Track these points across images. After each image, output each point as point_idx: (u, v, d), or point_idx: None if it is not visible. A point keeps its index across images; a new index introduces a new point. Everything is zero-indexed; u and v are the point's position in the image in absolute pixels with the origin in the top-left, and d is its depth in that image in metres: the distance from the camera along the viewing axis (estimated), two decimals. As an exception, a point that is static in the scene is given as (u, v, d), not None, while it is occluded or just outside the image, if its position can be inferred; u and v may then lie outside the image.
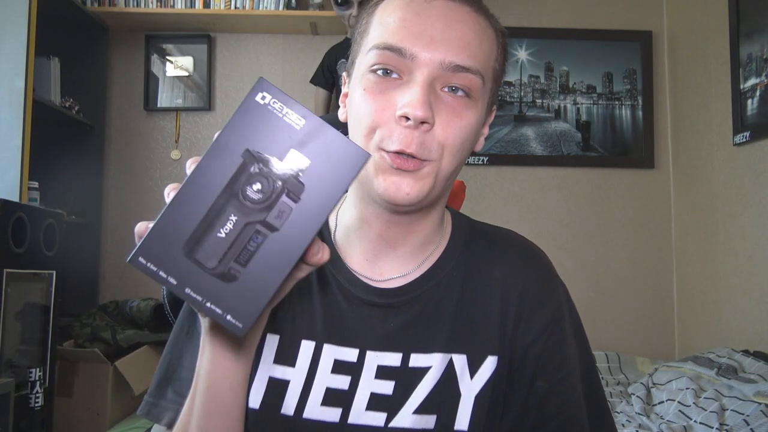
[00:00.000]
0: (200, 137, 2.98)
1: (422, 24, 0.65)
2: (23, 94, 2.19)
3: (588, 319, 3.11)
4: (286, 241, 0.50)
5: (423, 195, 0.66)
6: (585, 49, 3.06)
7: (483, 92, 0.68)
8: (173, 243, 0.50)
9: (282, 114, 0.51)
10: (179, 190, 0.51)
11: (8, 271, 1.85)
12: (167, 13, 2.80)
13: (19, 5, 2.20)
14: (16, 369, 1.88)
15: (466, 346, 0.71)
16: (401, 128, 0.64)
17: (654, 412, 1.93)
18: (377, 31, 0.67)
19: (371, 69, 0.66)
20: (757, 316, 2.33)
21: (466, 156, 0.69)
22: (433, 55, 0.64)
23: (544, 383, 0.71)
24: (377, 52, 0.66)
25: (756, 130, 2.34)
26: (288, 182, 0.50)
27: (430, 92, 0.64)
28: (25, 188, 2.19)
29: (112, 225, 2.93)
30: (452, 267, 0.74)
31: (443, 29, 0.65)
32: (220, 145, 0.50)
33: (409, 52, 0.64)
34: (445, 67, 0.64)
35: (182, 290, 0.50)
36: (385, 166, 0.65)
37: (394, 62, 0.65)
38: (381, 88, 0.66)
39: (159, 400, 0.72)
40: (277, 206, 0.50)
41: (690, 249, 2.87)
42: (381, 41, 0.66)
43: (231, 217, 0.50)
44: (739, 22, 2.45)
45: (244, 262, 0.50)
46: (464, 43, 0.65)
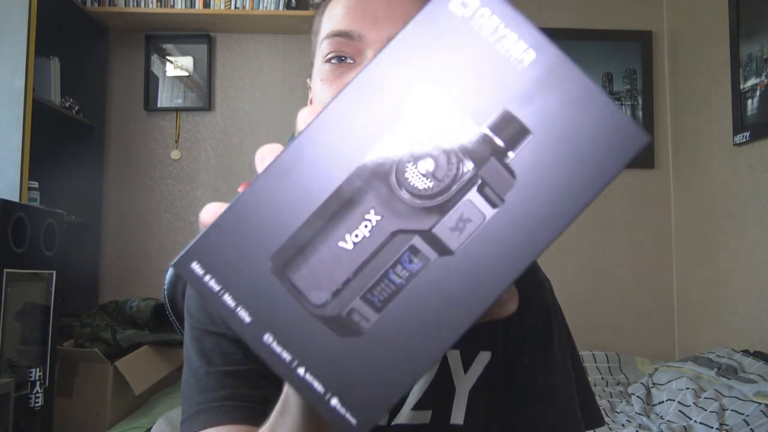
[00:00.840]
0: (200, 137, 2.98)
1: (366, 7, 0.66)
2: (23, 94, 2.19)
3: (588, 319, 3.11)
4: (466, 276, 0.28)
5: None
6: (585, 49, 3.06)
7: None
8: (257, 249, 0.29)
9: (494, 39, 0.29)
10: (281, 154, 0.29)
11: (8, 271, 1.85)
12: (167, 13, 2.80)
13: (19, 5, 2.20)
14: (16, 369, 1.88)
15: (458, 342, 0.71)
16: None
17: (654, 412, 1.92)
18: (327, 24, 0.69)
19: (326, 59, 0.67)
20: (757, 316, 2.33)
21: None
22: (379, 33, 0.65)
23: (536, 378, 0.73)
24: (328, 41, 0.67)
25: (756, 130, 2.34)
26: (486, 168, 0.28)
27: None
28: (25, 188, 2.19)
29: (112, 225, 2.93)
30: None
31: (386, 8, 0.66)
32: (373, 79, 0.28)
33: (356, 33, 0.65)
34: None
35: (258, 337, 0.28)
36: None
37: (344, 47, 0.66)
38: (336, 75, 0.66)
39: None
40: (457, 208, 0.28)
41: (690, 249, 2.87)
42: (330, 30, 0.67)
43: (369, 214, 0.28)
44: (739, 22, 2.45)
45: (381, 303, 0.28)
46: (408, 15, 0.65)
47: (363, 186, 0.28)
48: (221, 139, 2.98)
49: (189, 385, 0.69)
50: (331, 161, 0.28)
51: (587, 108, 0.28)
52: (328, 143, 0.29)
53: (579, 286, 2.94)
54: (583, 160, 0.28)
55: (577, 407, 0.74)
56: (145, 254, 2.91)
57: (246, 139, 2.98)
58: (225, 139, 2.98)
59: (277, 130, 2.94)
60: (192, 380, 0.69)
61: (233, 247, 0.29)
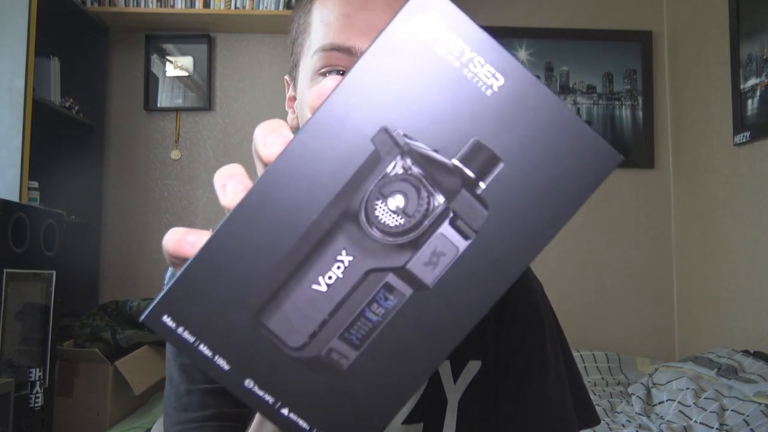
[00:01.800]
0: (200, 137, 2.98)
1: (368, 17, 0.60)
2: (23, 94, 2.19)
3: (588, 319, 3.10)
4: (442, 309, 0.28)
5: None
6: (585, 49, 3.06)
7: None
8: (229, 297, 0.28)
9: (461, 64, 0.27)
10: (246, 195, 0.29)
11: (8, 271, 1.85)
12: (167, 13, 2.80)
13: (19, 5, 2.20)
14: (16, 369, 1.88)
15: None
16: None
17: (654, 412, 1.92)
18: (320, 30, 0.63)
19: (319, 72, 0.62)
20: (757, 316, 2.33)
21: None
22: None
23: (530, 383, 0.71)
24: (324, 54, 0.61)
25: (756, 130, 2.34)
26: (457, 200, 0.28)
27: None
28: (25, 188, 2.18)
29: (112, 225, 2.93)
30: None
31: (387, 18, 0.62)
32: (332, 112, 0.28)
33: (359, 49, 0.59)
34: None
35: (238, 383, 0.28)
36: None
37: (343, 62, 0.60)
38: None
39: None
40: (430, 243, 0.28)
41: (690, 249, 2.87)
42: (326, 42, 0.61)
43: (341, 255, 0.28)
44: (739, 22, 2.45)
45: (359, 341, 0.28)
46: None
47: (333, 227, 0.28)
48: (221, 139, 2.98)
49: (170, 401, 0.69)
50: (298, 202, 0.28)
51: (559, 131, 0.28)
52: (293, 182, 0.28)
53: (579, 286, 2.94)
54: (556, 184, 0.28)
55: (571, 408, 0.73)
56: (145, 254, 2.91)
57: (246, 139, 2.98)
58: (225, 139, 2.98)
59: (277, 130, 2.94)
60: (173, 397, 0.69)
61: (204, 296, 0.28)
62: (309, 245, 0.28)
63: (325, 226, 0.28)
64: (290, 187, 0.28)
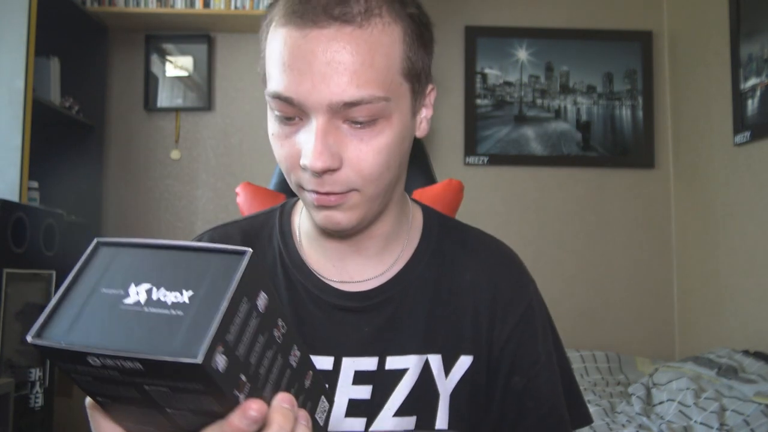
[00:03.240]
0: (200, 137, 2.98)
1: (301, 65, 0.60)
2: (23, 94, 2.19)
3: (588, 319, 3.11)
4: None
5: (356, 221, 0.66)
6: (585, 49, 3.06)
7: (395, 105, 0.63)
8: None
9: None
10: None
11: (8, 271, 1.85)
12: (167, 13, 2.80)
13: (19, 5, 2.20)
14: (16, 369, 1.88)
15: (441, 346, 0.71)
16: (309, 174, 0.63)
17: (654, 412, 1.92)
18: (269, 68, 0.64)
19: (274, 114, 0.65)
20: (757, 316, 2.33)
21: (399, 166, 0.67)
22: (319, 97, 0.60)
23: (520, 378, 0.72)
24: (272, 100, 0.63)
25: (756, 130, 2.34)
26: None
27: (328, 135, 0.61)
28: (24, 188, 2.18)
29: (112, 225, 2.93)
30: (423, 268, 0.74)
31: (323, 66, 0.59)
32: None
33: (296, 99, 0.61)
34: (336, 107, 0.60)
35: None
36: (311, 204, 0.66)
37: (288, 110, 0.63)
38: (285, 133, 0.64)
39: None
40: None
41: (690, 249, 2.87)
42: (272, 90, 0.63)
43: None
44: (739, 22, 2.45)
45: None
46: (350, 74, 0.60)
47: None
48: (221, 139, 2.98)
49: None
50: None
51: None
52: None
53: (579, 286, 2.94)
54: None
55: (562, 406, 0.74)
56: (145, 254, 2.90)
57: (246, 139, 2.98)
58: (225, 139, 2.98)
59: (277, 130, 2.94)
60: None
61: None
62: None
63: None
64: None
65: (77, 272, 0.39)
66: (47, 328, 0.37)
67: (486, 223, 1.00)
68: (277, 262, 0.75)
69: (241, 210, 1.09)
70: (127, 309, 0.36)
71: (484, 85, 3.05)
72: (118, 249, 0.40)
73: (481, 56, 3.04)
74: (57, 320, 0.37)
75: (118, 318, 0.36)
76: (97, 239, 0.41)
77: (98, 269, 0.39)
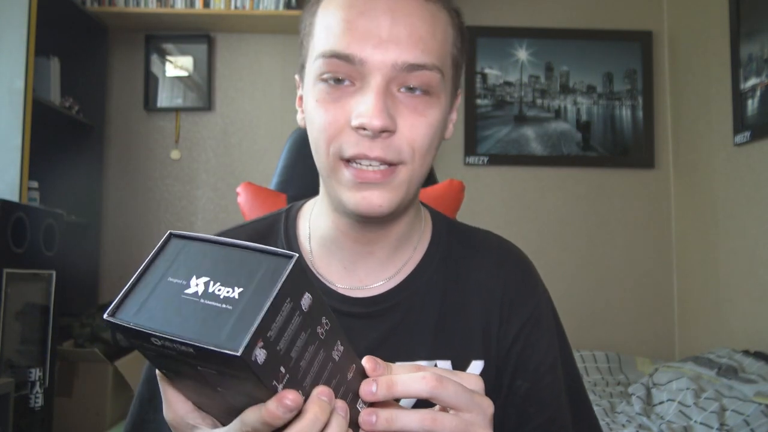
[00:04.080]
0: (200, 137, 2.98)
1: (368, 24, 0.60)
2: (23, 94, 2.19)
3: (588, 319, 3.10)
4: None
5: (395, 205, 0.64)
6: (585, 49, 3.06)
7: (444, 84, 0.64)
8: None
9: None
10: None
11: (8, 271, 1.85)
12: (167, 13, 2.80)
13: (19, 5, 2.19)
14: (16, 369, 1.87)
15: (450, 352, 0.70)
16: (359, 137, 0.61)
17: (654, 412, 1.92)
18: (321, 35, 0.63)
19: (321, 78, 0.62)
20: (757, 316, 2.33)
21: (436, 153, 0.67)
22: (384, 57, 0.59)
23: (523, 382, 0.71)
24: (324, 60, 0.61)
25: (756, 130, 2.34)
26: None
27: (386, 97, 0.60)
28: (25, 188, 2.18)
29: (112, 225, 2.93)
30: (432, 272, 0.73)
31: (391, 26, 0.60)
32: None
33: (358, 57, 0.60)
34: (399, 68, 0.60)
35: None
36: (349, 183, 0.62)
37: (343, 69, 0.61)
38: (333, 97, 0.62)
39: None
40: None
41: (690, 249, 2.87)
42: (327, 48, 0.61)
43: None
44: (739, 22, 2.45)
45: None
46: (416, 39, 0.60)
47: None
48: (221, 139, 2.98)
49: (133, 407, 0.73)
50: None
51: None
52: None
53: (579, 287, 2.94)
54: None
55: (565, 414, 0.72)
56: (145, 254, 2.87)
57: (246, 139, 2.98)
58: (225, 139, 2.98)
59: (277, 130, 2.94)
60: (137, 402, 0.74)
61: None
62: None
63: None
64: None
65: (151, 259, 0.45)
66: (121, 308, 0.42)
67: (486, 223, 1.00)
68: None
69: (242, 210, 1.08)
70: (187, 298, 0.41)
71: (484, 85, 3.05)
72: (186, 242, 0.46)
73: (481, 56, 3.04)
74: (129, 302, 0.43)
75: (178, 306, 0.40)
76: (170, 231, 0.46)
77: (168, 259, 0.45)
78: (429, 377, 0.46)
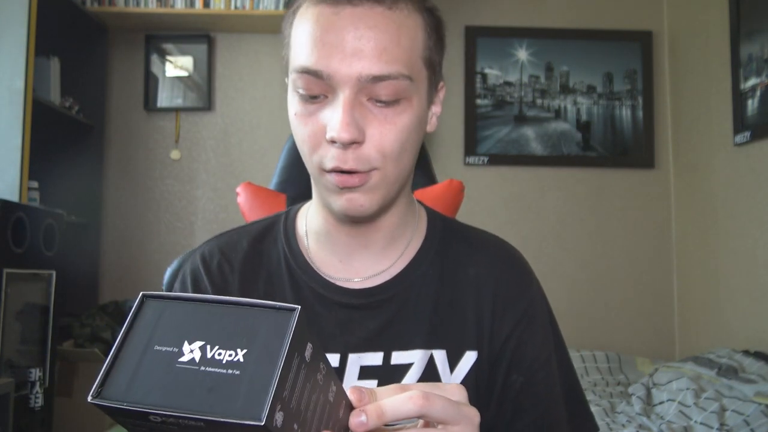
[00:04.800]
0: (200, 137, 2.98)
1: (333, 38, 0.63)
2: (23, 94, 2.19)
3: (588, 319, 3.10)
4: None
5: (377, 205, 0.68)
6: (585, 49, 3.06)
7: (415, 87, 0.66)
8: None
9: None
10: None
11: (8, 271, 1.85)
12: (167, 13, 2.80)
13: (19, 5, 2.20)
14: (16, 369, 1.87)
15: (445, 342, 0.73)
16: (334, 149, 0.64)
17: (654, 412, 1.93)
18: (295, 49, 0.66)
19: (297, 92, 0.66)
20: (757, 316, 2.33)
21: (415, 151, 0.70)
22: (349, 70, 0.62)
23: (518, 377, 0.73)
24: (297, 75, 0.65)
25: (756, 130, 2.34)
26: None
27: (354, 109, 0.63)
28: (24, 188, 2.18)
29: (112, 225, 2.93)
30: (428, 265, 0.76)
31: (354, 40, 0.62)
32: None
33: (326, 72, 0.63)
34: (365, 80, 0.63)
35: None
36: (333, 188, 0.66)
37: (314, 85, 0.64)
38: (310, 110, 0.66)
39: None
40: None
41: (690, 249, 2.87)
42: (298, 64, 0.65)
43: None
44: (739, 22, 2.45)
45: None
46: (380, 50, 0.63)
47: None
48: (221, 139, 2.98)
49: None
50: None
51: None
52: None
53: (579, 286, 2.94)
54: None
55: (559, 409, 0.74)
56: (145, 254, 2.91)
57: (246, 139, 2.98)
58: (225, 139, 2.98)
59: (277, 130, 2.94)
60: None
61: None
62: None
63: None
64: None
65: (128, 328, 0.40)
66: (106, 386, 0.39)
67: (486, 223, 1.00)
68: (282, 264, 0.76)
69: (242, 210, 1.09)
70: (183, 368, 0.37)
71: (484, 85, 3.05)
72: (165, 303, 0.41)
73: (481, 56, 3.04)
74: (115, 378, 0.39)
75: (175, 376, 0.37)
76: (143, 293, 0.41)
77: (148, 325, 0.40)
78: (416, 397, 0.46)
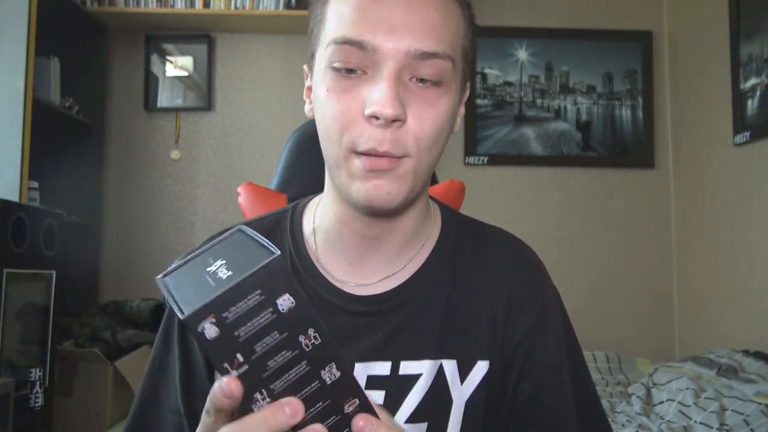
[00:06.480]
0: (200, 137, 2.98)
1: (381, 11, 0.59)
2: (23, 94, 2.19)
3: (588, 319, 3.10)
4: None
5: (404, 195, 0.62)
6: (585, 49, 3.06)
7: (454, 75, 0.63)
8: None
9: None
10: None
11: (8, 271, 1.85)
12: (167, 13, 2.80)
13: (19, 5, 2.20)
14: (16, 369, 1.87)
15: (456, 352, 0.68)
16: (372, 127, 0.59)
17: (654, 412, 1.93)
18: (333, 22, 0.62)
19: (332, 66, 0.61)
20: (757, 316, 2.33)
21: (444, 145, 0.66)
22: (397, 44, 0.59)
23: (527, 386, 0.69)
24: (336, 47, 0.60)
25: (756, 130, 2.34)
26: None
27: (398, 86, 0.59)
28: (24, 188, 2.18)
29: (112, 225, 2.93)
30: (440, 269, 0.71)
31: (404, 14, 0.59)
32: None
33: (371, 44, 0.59)
34: (412, 56, 0.59)
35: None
36: (360, 172, 0.61)
37: (355, 57, 0.60)
38: (345, 86, 0.61)
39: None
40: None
41: (690, 249, 2.87)
42: (339, 35, 0.60)
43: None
44: (739, 22, 2.45)
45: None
46: (429, 27, 0.60)
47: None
48: (221, 139, 2.98)
49: (135, 404, 0.75)
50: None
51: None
52: None
53: (579, 286, 2.94)
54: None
55: (571, 415, 0.70)
56: (145, 254, 2.91)
57: (246, 139, 2.98)
58: (225, 139, 2.98)
59: (277, 130, 2.94)
60: (138, 399, 0.75)
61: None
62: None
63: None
64: None
65: (215, 243, 0.48)
66: (177, 268, 0.46)
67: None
68: (287, 265, 0.73)
69: (242, 210, 1.08)
70: (204, 273, 0.44)
71: (484, 85, 3.05)
72: (244, 236, 0.48)
73: (481, 56, 3.04)
74: (184, 266, 0.47)
75: (197, 277, 0.44)
76: (239, 227, 0.49)
77: (226, 246, 0.47)
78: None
